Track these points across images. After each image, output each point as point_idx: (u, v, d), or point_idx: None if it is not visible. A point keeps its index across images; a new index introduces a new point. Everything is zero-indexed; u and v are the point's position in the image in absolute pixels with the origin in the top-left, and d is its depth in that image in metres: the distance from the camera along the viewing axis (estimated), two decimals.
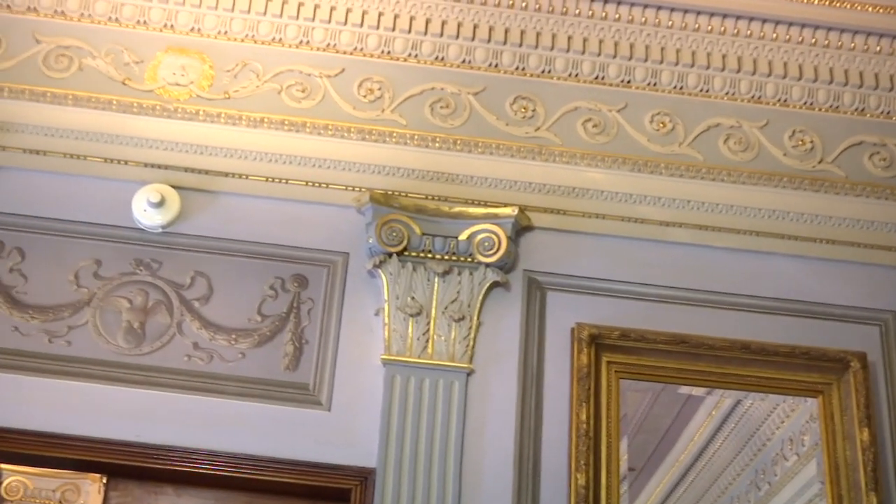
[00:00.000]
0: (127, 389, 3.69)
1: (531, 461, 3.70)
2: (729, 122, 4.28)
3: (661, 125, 4.24)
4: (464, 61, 4.23)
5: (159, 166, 3.98)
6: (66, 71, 4.09)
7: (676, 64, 4.29)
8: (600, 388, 3.81)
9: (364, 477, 3.64)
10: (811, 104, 4.33)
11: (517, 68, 4.25)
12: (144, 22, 4.17)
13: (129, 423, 3.63)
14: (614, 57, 4.27)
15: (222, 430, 3.66)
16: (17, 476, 6.05)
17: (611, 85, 4.27)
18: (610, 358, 3.86)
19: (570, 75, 4.26)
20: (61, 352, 3.74)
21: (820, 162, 4.25)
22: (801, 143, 4.27)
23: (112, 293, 3.84)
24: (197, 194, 3.97)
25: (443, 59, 4.23)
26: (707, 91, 4.30)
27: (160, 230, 3.91)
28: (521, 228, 3.99)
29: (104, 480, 3.88)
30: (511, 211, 3.94)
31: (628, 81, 4.28)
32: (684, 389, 4.06)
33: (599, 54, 4.27)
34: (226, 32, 4.19)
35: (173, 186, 3.93)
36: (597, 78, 4.27)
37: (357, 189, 3.99)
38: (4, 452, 3.76)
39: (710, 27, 4.29)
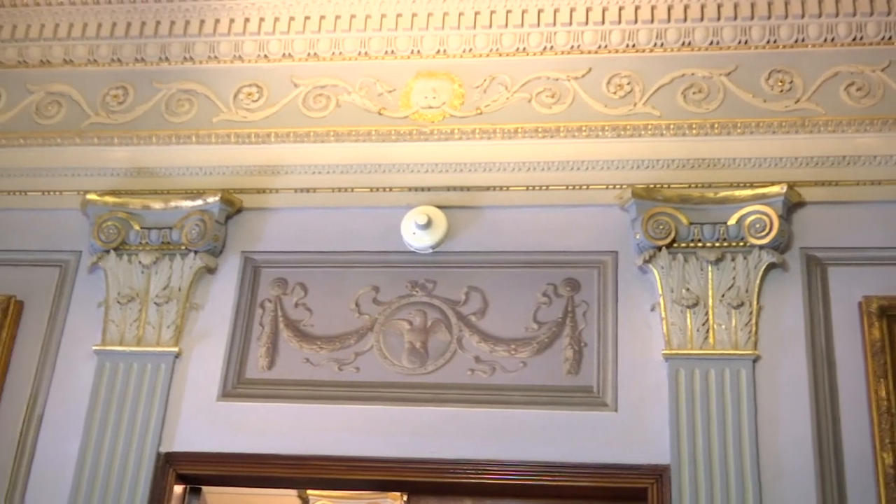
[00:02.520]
0: (416, 408, 3.92)
1: (832, 444, 3.68)
2: None
3: None
4: (712, 43, 4.27)
5: (422, 189, 4.23)
6: (325, 109, 4.42)
7: None
8: None
9: (659, 474, 3.71)
10: None
11: (768, 42, 4.25)
12: (392, 52, 4.46)
13: (423, 441, 3.85)
14: (871, 14, 4.20)
15: (512, 439, 3.82)
16: (323, 500, 6.47)
17: (871, 44, 4.21)
18: None
19: (825, 41, 4.23)
20: (351, 378, 4.02)
21: None
22: None
23: (392, 317, 4.10)
24: (461, 211, 4.18)
25: (689, 43, 4.29)
26: None
27: (430, 251, 4.15)
28: (792, 205, 3.98)
29: (405, 498, 4.11)
30: (780, 189, 3.95)
31: (890, 38, 4.19)
32: None
33: (855, 14, 4.21)
34: (471, 50, 4.41)
35: (438, 206, 4.16)
36: (855, 39, 4.21)
37: (618, 186, 4.10)
38: (311, 479, 4.09)
39: None
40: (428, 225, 4.10)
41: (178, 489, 4.00)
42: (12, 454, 4.02)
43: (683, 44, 4.29)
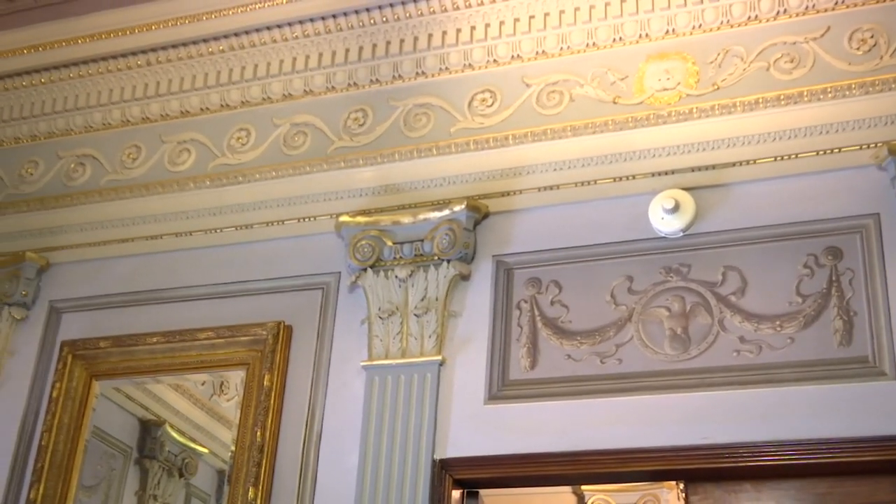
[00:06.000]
0: (683, 395, 3.92)
1: None
2: None
3: None
4: None
5: (666, 173, 4.23)
6: (559, 105, 4.49)
7: None
8: None
9: None
10: None
11: None
12: (620, 38, 4.49)
13: (695, 427, 3.85)
14: None
15: (786, 418, 3.76)
16: (599, 495, 6.54)
17: None
18: None
19: None
20: (614, 370, 4.05)
21: None
22: None
23: (649, 305, 4.11)
24: (709, 191, 4.16)
25: None
26: None
27: (681, 234, 4.14)
28: None
29: (681, 487, 4.08)
30: None
31: None
32: None
33: None
34: (700, 26, 4.38)
35: (684, 189, 4.15)
36: None
37: (872, 145, 3.97)
38: (585, 474, 4.17)
39: None
40: (676, 208, 4.10)
41: (455, 494, 4.12)
42: (297, 471, 4.26)
43: None
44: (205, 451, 4.81)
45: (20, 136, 5.45)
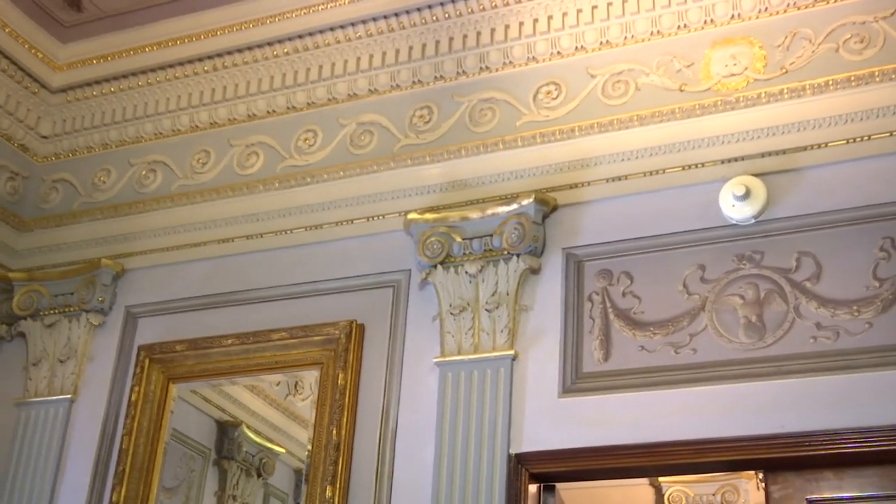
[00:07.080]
0: (759, 383, 3.88)
1: None
2: None
3: None
4: None
5: (736, 159, 4.18)
6: (625, 95, 4.47)
7: None
8: None
9: None
10: None
11: None
12: (685, 25, 4.45)
13: (772, 416, 3.80)
14: None
15: (866, 404, 3.71)
16: (677, 486, 6.49)
17: None
18: None
19: None
20: (689, 360, 4.02)
21: None
22: None
23: (723, 293, 4.07)
24: (780, 176, 4.11)
25: None
26: None
27: (753, 221, 4.10)
28: None
29: (760, 476, 4.04)
30: None
31: None
32: None
33: None
34: (766, 9, 4.33)
35: (754, 175, 4.11)
36: None
37: None
38: (662, 465, 4.12)
39: None
40: (747, 195, 4.06)
41: (532, 488, 4.12)
42: (373, 468, 4.29)
43: None
44: (282, 450, 4.86)
45: (92, 145, 5.55)
